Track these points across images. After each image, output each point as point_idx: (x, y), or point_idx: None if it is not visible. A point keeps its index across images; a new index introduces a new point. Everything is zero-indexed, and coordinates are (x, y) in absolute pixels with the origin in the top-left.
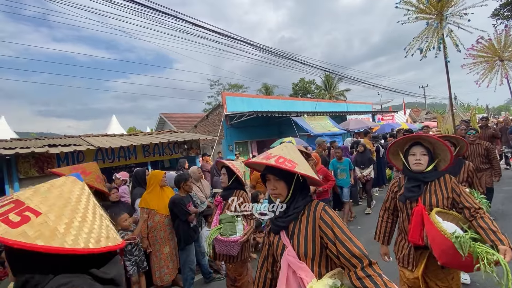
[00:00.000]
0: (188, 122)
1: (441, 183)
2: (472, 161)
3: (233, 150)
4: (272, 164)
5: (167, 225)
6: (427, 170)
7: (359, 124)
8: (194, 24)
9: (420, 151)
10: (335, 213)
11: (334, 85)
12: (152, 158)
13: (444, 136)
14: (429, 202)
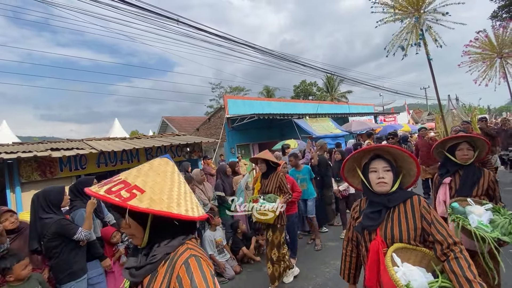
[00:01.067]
0: (190, 125)
1: (408, 208)
2: None
3: (235, 152)
4: (98, 196)
5: None
6: (392, 190)
7: (362, 126)
8: (195, 28)
9: (382, 166)
10: (207, 269)
11: (336, 87)
12: None
13: (462, 136)
14: (391, 234)
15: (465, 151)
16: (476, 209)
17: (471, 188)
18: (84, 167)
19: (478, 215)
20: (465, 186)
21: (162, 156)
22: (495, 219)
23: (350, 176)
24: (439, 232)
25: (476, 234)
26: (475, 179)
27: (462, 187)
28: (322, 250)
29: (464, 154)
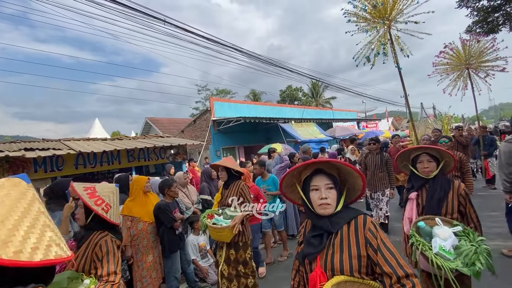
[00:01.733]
0: (175, 127)
1: (351, 231)
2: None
3: (220, 155)
4: None
5: (150, 233)
6: (336, 210)
7: (345, 131)
8: (182, 29)
9: (325, 183)
10: None
11: (321, 93)
12: (136, 163)
13: (422, 148)
14: (331, 264)
15: (425, 164)
16: (442, 232)
17: (438, 204)
18: (60, 168)
19: (442, 239)
20: (432, 202)
21: (14, 176)
22: (461, 245)
23: (289, 192)
24: (387, 262)
25: (433, 262)
26: (441, 194)
27: (429, 204)
28: None
29: (425, 166)
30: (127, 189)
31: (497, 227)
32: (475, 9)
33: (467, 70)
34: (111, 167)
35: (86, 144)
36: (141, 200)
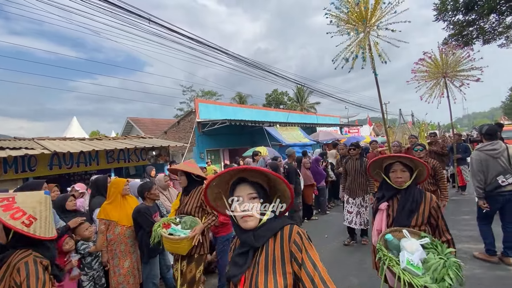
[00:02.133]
0: (158, 127)
1: (276, 245)
2: None
3: (204, 158)
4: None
5: (128, 237)
6: (261, 222)
7: (328, 136)
8: (168, 29)
9: (247, 193)
10: None
11: (306, 98)
12: (116, 164)
13: (395, 156)
14: (255, 286)
15: (399, 173)
16: (410, 244)
17: (408, 216)
18: (33, 169)
19: (410, 252)
20: (403, 214)
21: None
22: (429, 258)
23: (220, 205)
24: (310, 278)
25: (401, 279)
26: (413, 206)
27: (399, 215)
28: None
29: (398, 176)
30: (105, 192)
31: (469, 230)
32: (451, 22)
33: (443, 78)
34: (88, 168)
35: (62, 143)
36: (119, 203)
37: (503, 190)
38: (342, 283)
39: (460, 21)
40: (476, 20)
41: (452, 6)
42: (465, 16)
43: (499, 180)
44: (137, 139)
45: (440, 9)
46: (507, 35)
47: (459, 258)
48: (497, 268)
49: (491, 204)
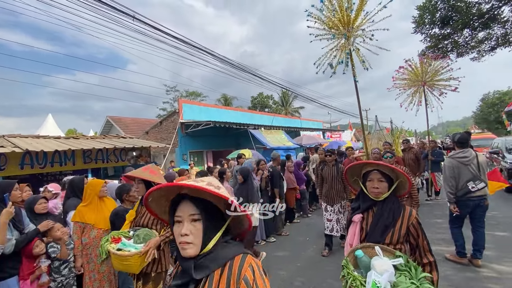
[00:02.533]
0: (139, 127)
1: (223, 279)
2: None
3: (187, 159)
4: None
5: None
6: (204, 251)
7: (311, 140)
8: (152, 27)
9: (189, 214)
10: None
11: (290, 102)
12: (93, 165)
13: (374, 164)
14: None
15: (375, 183)
16: (380, 264)
17: (383, 232)
18: (3, 168)
19: (379, 273)
20: (377, 229)
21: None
22: (399, 282)
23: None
24: None
25: None
26: (389, 221)
27: (372, 230)
28: (268, 259)
29: (374, 186)
30: (81, 193)
31: (441, 233)
32: (428, 35)
33: (423, 86)
34: (63, 168)
35: (35, 141)
36: (96, 206)
37: (472, 195)
38: (322, 286)
39: (437, 34)
40: (451, 34)
41: (429, 19)
42: (441, 29)
43: (469, 186)
44: (116, 138)
45: (418, 22)
46: (479, 49)
47: None
48: (467, 270)
49: (461, 208)
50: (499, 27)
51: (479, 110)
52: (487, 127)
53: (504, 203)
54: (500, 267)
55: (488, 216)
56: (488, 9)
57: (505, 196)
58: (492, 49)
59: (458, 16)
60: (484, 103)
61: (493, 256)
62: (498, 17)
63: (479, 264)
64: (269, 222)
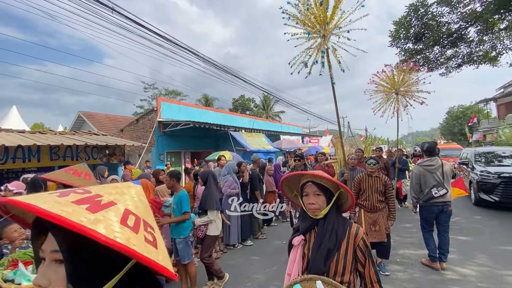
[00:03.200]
0: (114, 124)
1: None
2: (369, 198)
3: (163, 159)
4: None
5: None
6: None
7: (291, 144)
8: (133, 21)
9: (50, 250)
10: None
11: (271, 106)
12: (61, 162)
13: (307, 175)
14: None
15: (311, 198)
16: None
17: (326, 259)
18: None
19: None
20: (319, 255)
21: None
22: None
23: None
24: None
25: None
26: (332, 243)
27: (314, 256)
28: (246, 264)
29: (310, 202)
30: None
31: (410, 237)
32: (403, 49)
33: (396, 95)
34: (27, 165)
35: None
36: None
37: (435, 201)
38: None
39: (410, 49)
40: (423, 49)
41: (404, 35)
42: (414, 45)
43: (432, 191)
44: (88, 135)
45: (394, 36)
46: (447, 65)
47: (401, 263)
48: (433, 273)
49: (427, 212)
50: (465, 46)
51: (445, 122)
52: (451, 138)
53: (467, 210)
54: (463, 270)
55: (452, 221)
56: (456, 29)
57: (469, 204)
58: (459, 66)
59: (430, 34)
60: (450, 116)
61: (456, 259)
62: (464, 37)
63: (444, 267)
64: (246, 226)
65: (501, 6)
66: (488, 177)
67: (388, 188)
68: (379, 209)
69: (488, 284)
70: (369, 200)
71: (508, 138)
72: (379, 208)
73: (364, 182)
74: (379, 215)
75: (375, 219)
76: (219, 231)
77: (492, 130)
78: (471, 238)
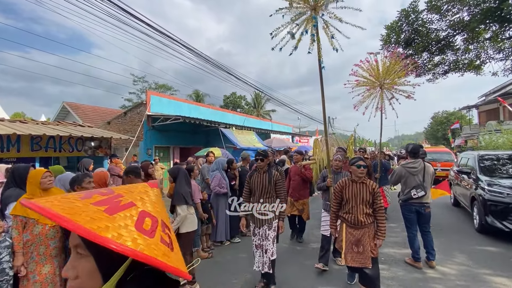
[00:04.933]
0: (100, 117)
1: None
2: (352, 211)
3: (151, 154)
4: None
5: (51, 238)
6: None
7: (281, 143)
8: (125, 11)
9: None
10: None
11: (262, 104)
12: (43, 153)
13: None
14: None
15: None
16: None
17: None
18: None
19: None
20: None
21: None
22: None
23: None
24: None
25: None
26: None
27: None
28: (233, 261)
29: None
30: (24, 185)
31: (394, 236)
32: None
33: (380, 89)
34: (5, 154)
35: None
36: (40, 198)
37: (414, 201)
38: (284, 286)
39: (400, 53)
40: (412, 55)
41: (395, 39)
42: (404, 50)
43: (412, 192)
44: (73, 126)
45: (385, 40)
46: (434, 72)
47: (385, 262)
48: (415, 271)
49: (406, 211)
50: (452, 54)
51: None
52: (435, 143)
53: (448, 212)
54: (443, 269)
55: (434, 222)
56: (445, 36)
57: (449, 206)
58: (445, 72)
59: (419, 39)
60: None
61: (437, 259)
62: (452, 45)
63: (434, 265)
64: (234, 223)
65: (487, 17)
66: (501, 195)
67: (377, 197)
68: (364, 224)
69: (466, 282)
70: (352, 212)
71: (488, 144)
72: (365, 223)
73: (347, 190)
74: (365, 232)
75: (359, 238)
76: (194, 226)
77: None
78: (451, 238)
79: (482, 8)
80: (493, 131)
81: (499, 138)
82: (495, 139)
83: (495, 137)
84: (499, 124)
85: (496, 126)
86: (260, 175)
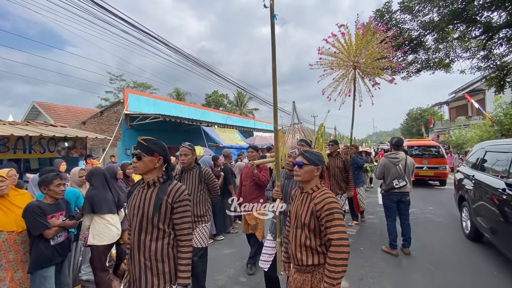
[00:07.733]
0: (74, 117)
1: None
2: (289, 238)
3: (130, 155)
4: None
5: (21, 244)
6: None
7: (264, 141)
8: (99, 5)
9: None
10: None
11: (245, 103)
12: (11, 155)
13: None
14: None
15: None
16: None
17: None
18: None
19: None
20: None
21: None
22: None
23: None
24: None
25: None
26: None
27: None
28: (217, 258)
29: None
30: None
31: (372, 227)
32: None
33: (353, 70)
34: None
35: None
36: (0, 204)
37: (395, 191)
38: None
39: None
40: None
41: None
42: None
43: (393, 182)
44: (44, 126)
45: None
46: (408, 70)
47: (363, 251)
48: (393, 259)
49: (388, 200)
50: (423, 53)
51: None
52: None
53: (422, 202)
54: (416, 254)
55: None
56: (417, 36)
57: (423, 195)
58: (418, 71)
59: (393, 39)
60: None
61: (412, 246)
62: (423, 44)
63: (409, 252)
64: (219, 221)
65: (455, 17)
66: None
67: (347, 165)
68: (304, 266)
69: (436, 265)
70: (289, 241)
71: (457, 138)
72: (304, 264)
73: (293, 203)
74: (306, 281)
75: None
76: (104, 240)
77: (444, 131)
78: (425, 227)
79: (450, 9)
80: (462, 126)
81: (467, 132)
82: (464, 133)
83: (464, 131)
84: (467, 120)
85: (465, 121)
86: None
